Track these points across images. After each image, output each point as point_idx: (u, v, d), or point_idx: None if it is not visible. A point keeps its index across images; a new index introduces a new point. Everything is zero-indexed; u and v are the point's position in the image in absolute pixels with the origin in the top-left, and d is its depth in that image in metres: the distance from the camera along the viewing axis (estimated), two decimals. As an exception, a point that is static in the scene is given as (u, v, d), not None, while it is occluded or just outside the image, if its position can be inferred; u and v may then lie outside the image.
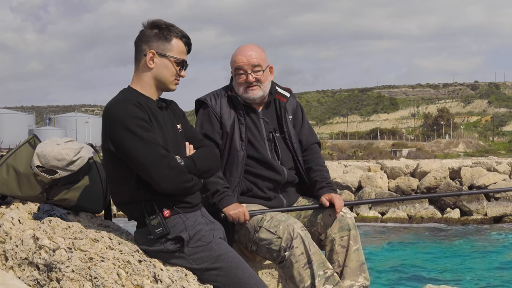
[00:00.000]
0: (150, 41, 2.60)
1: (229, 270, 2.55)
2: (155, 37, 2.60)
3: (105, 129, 2.52)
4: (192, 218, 2.60)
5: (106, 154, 2.58)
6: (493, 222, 21.44)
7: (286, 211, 3.18)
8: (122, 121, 2.45)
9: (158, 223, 2.52)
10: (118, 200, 2.64)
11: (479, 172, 23.32)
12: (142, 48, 2.61)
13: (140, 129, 2.45)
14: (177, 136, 2.67)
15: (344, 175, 25.44)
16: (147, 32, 2.61)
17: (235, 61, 3.23)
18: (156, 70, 2.61)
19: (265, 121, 3.32)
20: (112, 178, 2.62)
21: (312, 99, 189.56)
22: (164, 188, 2.49)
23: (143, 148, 2.43)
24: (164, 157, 2.46)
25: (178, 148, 2.64)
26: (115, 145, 2.48)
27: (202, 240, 2.56)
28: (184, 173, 2.53)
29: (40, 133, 51.79)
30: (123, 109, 2.47)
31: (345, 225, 3.14)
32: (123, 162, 2.51)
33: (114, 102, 2.53)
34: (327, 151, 50.94)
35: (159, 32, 2.60)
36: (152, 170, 2.44)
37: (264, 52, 3.29)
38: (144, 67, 2.61)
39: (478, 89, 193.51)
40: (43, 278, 2.42)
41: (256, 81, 3.21)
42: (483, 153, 59.14)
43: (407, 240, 18.78)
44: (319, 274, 2.93)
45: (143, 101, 2.55)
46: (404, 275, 13.72)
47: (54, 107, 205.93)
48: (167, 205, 2.55)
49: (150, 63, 2.60)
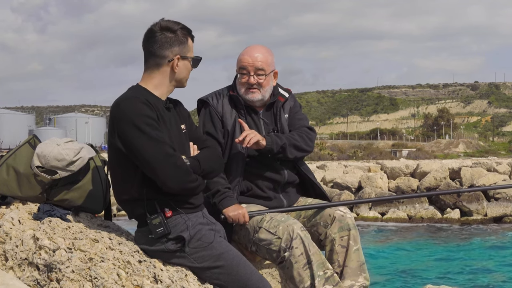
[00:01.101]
0: (172, 47, 2.61)
1: (231, 268, 2.56)
2: (175, 42, 2.62)
3: (113, 125, 2.53)
4: (194, 218, 2.60)
5: (112, 150, 2.59)
6: (493, 222, 21.42)
7: (286, 211, 3.18)
8: (130, 118, 2.46)
9: (159, 222, 2.52)
10: (120, 197, 2.64)
11: (479, 172, 23.31)
12: (164, 55, 2.60)
13: (148, 127, 2.46)
14: (181, 136, 2.68)
15: (344, 175, 25.44)
16: (163, 38, 2.61)
17: (241, 60, 3.24)
18: (179, 73, 2.65)
19: (265, 122, 3.32)
20: (116, 175, 2.63)
21: (312, 99, 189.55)
22: (169, 187, 2.50)
23: (150, 146, 2.44)
24: (171, 156, 2.48)
25: (183, 149, 2.64)
26: (122, 141, 2.49)
27: (202, 240, 2.57)
28: (189, 173, 2.54)
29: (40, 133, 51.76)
30: (132, 106, 2.48)
31: (345, 225, 3.14)
32: (128, 159, 2.51)
33: (123, 99, 2.54)
34: (327, 151, 50.95)
35: (175, 36, 2.62)
36: (158, 168, 2.45)
37: (272, 56, 3.28)
38: (169, 72, 2.63)
39: (478, 90, 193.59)
40: (43, 279, 2.42)
41: (257, 84, 3.22)
42: (483, 154, 59.17)
43: (407, 240, 18.78)
44: (319, 275, 2.93)
45: (152, 100, 2.56)
46: (404, 275, 13.71)
47: (54, 107, 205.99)
48: (169, 205, 2.55)
49: (176, 68, 2.63)
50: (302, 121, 3.39)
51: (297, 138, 3.27)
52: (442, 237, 19.44)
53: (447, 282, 11.93)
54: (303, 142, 3.28)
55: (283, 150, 3.19)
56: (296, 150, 3.25)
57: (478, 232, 20.15)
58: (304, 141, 3.29)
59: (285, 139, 3.21)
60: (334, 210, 3.18)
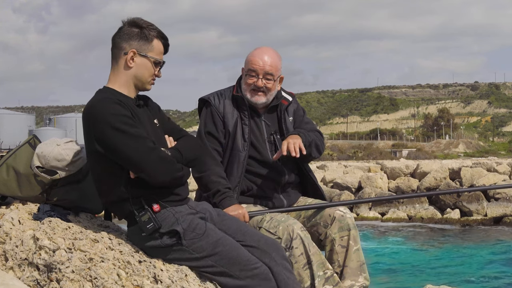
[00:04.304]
0: (131, 40, 2.59)
1: (230, 252, 2.56)
2: (136, 36, 2.60)
3: (89, 130, 2.51)
4: (181, 210, 2.61)
5: (92, 156, 2.57)
6: (493, 222, 21.40)
7: (286, 211, 3.18)
8: (107, 120, 2.45)
9: (148, 218, 2.52)
10: (106, 200, 2.64)
11: (479, 172, 23.29)
12: (122, 46, 2.60)
13: (126, 126, 2.46)
14: (156, 131, 2.68)
15: (344, 175, 25.44)
16: (127, 30, 2.60)
17: (251, 62, 3.23)
18: (135, 70, 2.62)
19: (267, 123, 3.33)
20: (99, 179, 2.61)
21: (312, 100, 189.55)
22: (159, 181, 2.50)
23: (131, 144, 2.44)
24: (153, 149, 2.48)
25: (160, 142, 2.63)
26: (102, 144, 2.47)
27: (197, 231, 2.57)
28: (174, 163, 2.54)
29: (40, 134, 51.73)
30: (105, 108, 2.47)
31: (345, 225, 3.15)
32: (110, 161, 2.51)
33: (94, 103, 2.52)
34: (327, 151, 50.94)
35: (140, 31, 2.60)
36: (144, 164, 2.45)
37: (281, 61, 3.30)
38: (123, 65, 2.61)
39: (478, 90, 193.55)
40: (43, 279, 2.42)
41: (265, 88, 3.23)
42: (483, 154, 59.17)
43: (407, 240, 18.78)
44: (319, 275, 2.93)
45: (123, 99, 2.55)
46: (404, 275, 13.71)
47: (54, 107, 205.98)
48: (155, 200, 2.56)
49: (130, 62, 2.60)
50: (309, 125, 3.43)
51: (318, 138, 3.31)
52: (442, 237, 19.44)
53: (447, 282, 11.92)
54: (321, 144, 3.34)
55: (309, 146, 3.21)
56: (316, 150, 3.29)
57: (478, 232, 20.14)
58: (322, 143, 3.35)
59: (313, 136, 3.26)
60: (334, 210, 3.18)
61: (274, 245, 2.70)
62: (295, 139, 3.12)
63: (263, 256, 2.62)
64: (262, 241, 2.68)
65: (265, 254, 2.63)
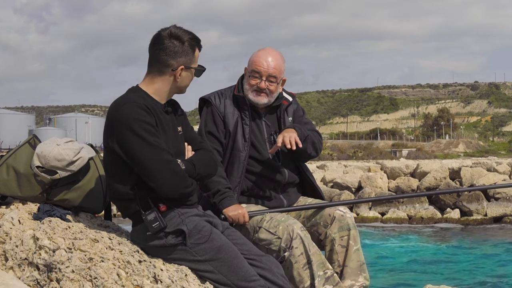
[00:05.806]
0: (178, 57, 2.62)
1: (230, 260, 2.57)
2: (182, 52, 2.62)
3: (111, 128, 2.54)
4: (188, 211, 2.62)
5: (108, 152, 2.60)
6: (493, 222, 21.41)
7: (286, 211, 3.18)
8: (129, 124, 2.48)
9: (154, 217, 2.53)
10: (113, 195, 2.66)
11: (479, 172, 23.29)
12: (170, 63, 2.61)
13: (146, 134, 2.48)
14: (177, 139, 2.71)
15: (344, 175, 25.43)
16: (171, 46, 2.61)
17: (255, 63, 3.23)
18: (181, 82, 2.67)
19: (267, 123, 3.33)
20: (111, 174, 2.64)
21: (312, 99, 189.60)
22: (165, 193, 2.53)
23: (148, 152, 2.47)
24: (169, 162, 2.51)
25: (179, 150, 2.67)
26: (120, 146, 2.51)
27: (202, 233, 2.58)
28: (185, 178, 2.57)
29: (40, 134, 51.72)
30: (131, 112, 2.49)
31: (345, 225, 3.15)
32: (124, 162, 2.53)
33: (122, 103, 2.54)
34: (327, 151, 50.94)
35: (183, 46, 2.62)
36: (155, 175, 2.48)
37: (284, 63, 3.30)
38: (169, 79, 2.64)
39: (478, 90, 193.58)
40: (43, 279, 2.42)
41: (267, 90, 3.23)
42: (483, 154, 59.14)
43: (407, 240, 18.78)
44: (319, 275, 2.93)
45: (151, 104, 2.57)
46: (404, 275, 13.71)
47: (54, 107, 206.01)
48: (163, 201, 2.57)
49: (178, 78, 2.64)
50: (308, 125, 3.44)
51: (314, 136, 3.34)
52: (442, 237, 19.45)
53: (447, 282, 11.92)
54: (318, 142, 3.35)
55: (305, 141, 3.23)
56: (312, 147, 3.29)
57: (478, 232, 20.15)
58: (319, 142, 3.36)
59: (308, 132, 3.28)
60: (334, 210, 3.18)
61: (274, 262, 2.73)
62: (291, 133, 3.14)
63: (263, 271, 2.64)
64: (264, 257, 2.71)
65: (264, 269, 2.65)
